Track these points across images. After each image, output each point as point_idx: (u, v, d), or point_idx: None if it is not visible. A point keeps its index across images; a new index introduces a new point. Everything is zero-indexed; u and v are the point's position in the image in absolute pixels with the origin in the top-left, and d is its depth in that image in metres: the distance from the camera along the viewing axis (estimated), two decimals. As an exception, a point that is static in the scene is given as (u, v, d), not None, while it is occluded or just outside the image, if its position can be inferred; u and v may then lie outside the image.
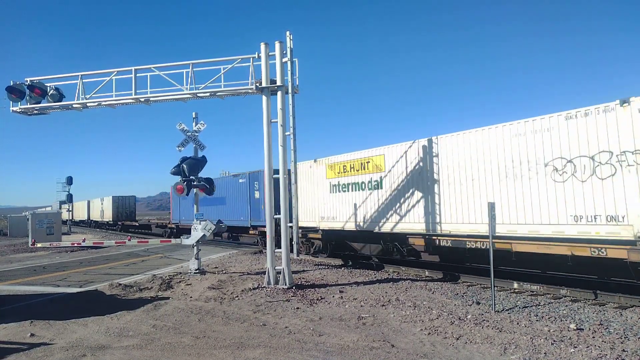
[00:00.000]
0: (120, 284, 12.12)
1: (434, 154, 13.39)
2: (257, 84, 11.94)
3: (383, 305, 9.67)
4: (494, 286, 9.53)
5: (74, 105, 13.55)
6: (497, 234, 10.20)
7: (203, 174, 14.48)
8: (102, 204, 51.32)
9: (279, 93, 11.94)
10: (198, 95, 12.60)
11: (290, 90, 11.81)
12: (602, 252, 9.67)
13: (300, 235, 17.28)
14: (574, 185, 10.17)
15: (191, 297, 10.83)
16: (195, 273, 13.72)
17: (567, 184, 10.29)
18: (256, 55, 11.98)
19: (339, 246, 18.00)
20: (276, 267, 11.84)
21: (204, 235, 13.83)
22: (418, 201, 13.86)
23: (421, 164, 13.81)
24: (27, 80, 13.58)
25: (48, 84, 13.77)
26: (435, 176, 13.30)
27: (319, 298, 10.49)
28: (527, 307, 9.54)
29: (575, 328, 7.79)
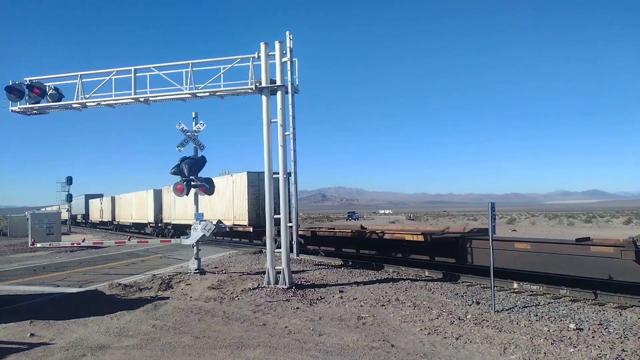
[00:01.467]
0: (120, 284, 12.12)
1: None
2: (257, 84, 11.93)
3: (383, 305, 9.67)
4: (494, 286, 9.53)
5: (73, 105, 13.54)
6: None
7: (202, 174, 14.47)
8: (232, 186, 23.58)
9: (278, 93, 11.93)
10: (197, 95, 12.59)
11: (290, 90, 11.81)
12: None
13: None
14: None
15: (191, 297, 10.83)
16: (195, 273, 13.72)
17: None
18: (256, 55, 11.97)
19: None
20: (276, 267, 11.84)
21: (204, 235, 13.83)
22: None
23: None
24: (26, 80, 13.56)
25: (47, 84, 13.76)
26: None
27: (319, 298, 10.49)
28: (526, 307, 9.54)
29: (575, 328, 7.79)
